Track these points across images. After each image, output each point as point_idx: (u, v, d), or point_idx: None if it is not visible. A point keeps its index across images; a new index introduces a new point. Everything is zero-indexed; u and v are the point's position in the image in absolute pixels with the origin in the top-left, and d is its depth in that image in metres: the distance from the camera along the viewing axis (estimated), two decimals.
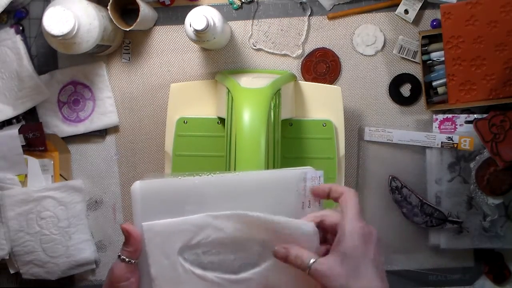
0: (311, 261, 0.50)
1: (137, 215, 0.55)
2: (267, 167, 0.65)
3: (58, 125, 0.89)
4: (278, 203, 0.55)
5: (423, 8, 0.85)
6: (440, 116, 0.85)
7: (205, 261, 0.55)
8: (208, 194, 0.55)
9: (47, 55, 0.89)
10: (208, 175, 0.55)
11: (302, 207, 0.55)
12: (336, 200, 0.54)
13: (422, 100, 0.86)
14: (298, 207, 0.55)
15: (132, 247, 0.53)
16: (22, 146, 0.87)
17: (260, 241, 0.54)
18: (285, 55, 0.89)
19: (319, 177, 0.55)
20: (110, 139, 0.91)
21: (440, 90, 0.85)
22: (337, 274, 0.48)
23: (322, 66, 0.88)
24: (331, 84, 0.88)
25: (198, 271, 0.55)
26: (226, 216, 0.54)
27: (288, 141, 0.79)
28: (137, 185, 0.55)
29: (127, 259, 0.53)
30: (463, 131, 0.85)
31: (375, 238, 0.51)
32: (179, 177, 0.56)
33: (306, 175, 0.55)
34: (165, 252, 0.54)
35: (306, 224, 0.53)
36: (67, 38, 0.74)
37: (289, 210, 0.54)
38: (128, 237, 0.54)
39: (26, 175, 0.88)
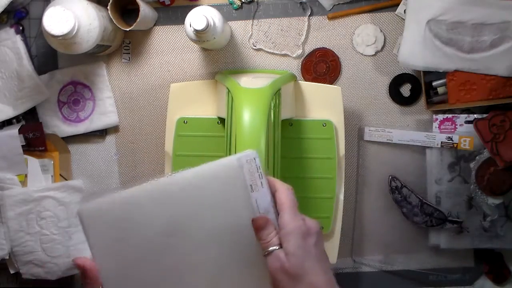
0: (274, 247, 0.52)
1: (89, 244, 0.56)
2: (267, 167, 0.65)
3: (58, 125, 0.89)
4: (226, 194, 0.56)
5: None
6: (440, 116, 0.85)
7: (445, 36, 0.74)
8: (150, 204, 0.56)
9: (47, 55, 0.89)
10: (147, 182, 0.56)
11: (252, 190, 0.56)
12: (273, 194, 0.56)
13: (422, 100, 0.86)
14: (247, 193, 0.56)
15: (91, 280, 0.54)
16: (22, 146, 0.87)
17: (498, 28, 0.72)
18: (285, 55, 0.89)
19: (254, 158, 0.56)
20: (110, 139, 0.91)
21: (440, 90, 0.85)
22: (284, 271, 0.51)
23: (322, 66, 0.88)
24: (331, 84, 0.88)
25: (438, 42, 0.75)
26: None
27: (288, 141, 0.79)
28: (81, 212, 0.55)
29: None
30: (463, 131, 0.85)
31: (314, 232, 0.53)
32: (118, 191, 0.56)
33: (241, 160, 0.56)
34: (418, 19, 0.78)
35: None
36: (67, 38, 0.74)
37: (239, 199, 0.56)
38: (84, 272, 0.54)
39: (26, 175, 0.88)
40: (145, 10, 0.82)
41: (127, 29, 0.82)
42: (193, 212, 0.57)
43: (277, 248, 0.52)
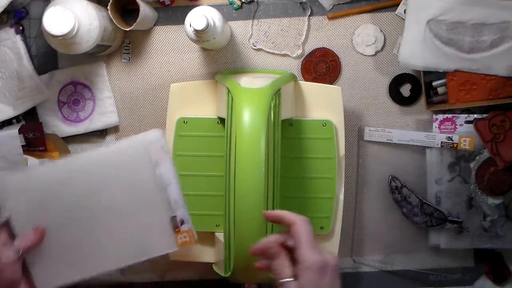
0: (287, 279, 0.54)
1: (5, 209, 0.66)
2: (267, 167, 0.65)
3: (58, 125, 0.89)
4: (134, 169, 0.67)
5: None
6: (440, 116, 0.85)
7: (445, 36, 0.76)
8: (68, 175, 0.67)
9: (47, 55, 0.89)
10: (66, 158, 0.69)
11: (156, 166, 0.67)
12: (288, 227, 0.57)
13: (422, 100, 0.86)
14: (151, 168, 0.67)
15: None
16: (22, 146, 0.87)
17: (498, 28, 0.75)
18: (285, 55, 0.89)
19: (159, 138, 0.67)
20: (110, 139, 0.91)
21: (440, 90, 0.85)
22: None
23: (322, 66, 0.88)
24: (331, 84, 0.88)
25: (438, 42, 0.77)
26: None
27: (288, 141, 0.79)
28: (1, 181, 0.66)
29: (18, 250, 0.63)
30: (463, 131, 0.85)
31: (331, 267, 0.54)
32: (40, 165, 0.71)
33: (147, 139, 0.67)
34: (418, 19, 0.78)
35: None
36: (67, 38, 0.74)
37: (145, 173, 0.67)
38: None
39: None
40: (145, 10, 0.83)
41: (127, 29, 0.82)
42: (104, 183, 0.67)
43: (291, 280, 0.54)
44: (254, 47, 0.89)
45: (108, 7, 0.80)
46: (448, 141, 0.84)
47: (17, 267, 0.63)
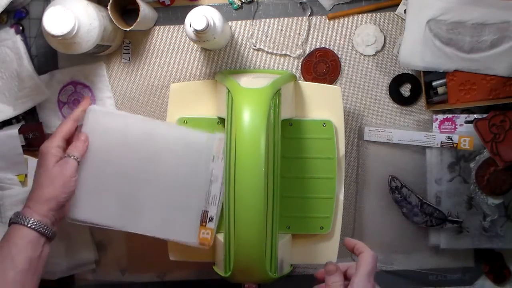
0: None
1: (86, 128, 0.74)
2: (267, 167, 0.65)
3: (58, 125, 0.89)
4: (195, 153, 0.75)
5: None
6: (440, 116, 0.85)
7: (445, 36, 0.78)
8: (134, 135, 0.74)
9: (47, 55, 0.89)
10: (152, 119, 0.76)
11: (212, 160, 0.75)
12: (357, 255, 0.65)
13: (422, 100, 0.86)
14: (208, 160, 0.75)
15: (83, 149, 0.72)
16: (22, 146, 0.87)
17: (498, 28, 0.76)
18: (285, 55, 0.89)
19: (219, 138, 0.75)
20: None
21: (440, 90, 0.85)
22: None
23: (322, 66, 0.88)
24: (331, 84, 0.88)
25: (438, 42, 0.78)
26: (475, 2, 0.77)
27: (288, 141, 0.79)
28: (89, 110, 0.74)
29: (78, 159, 0.72)
30: (463, 131, 0.85)
31: None
32: (126, 113, 0.76)
33: (217, 136, 0.75)
34: (419, 19, 0.79)
35: None
36: (67, 38, 0.74)
37: (202, 161, 0.75)
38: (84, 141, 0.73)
39: (26, 175, 0.88)
40: (145, 10, 0.83)
41: (127, 29, 0.82)
42: (167, 155, 0.75)
43: None
44: (254, 47, 0.89)
45: (108, 7, 0.80)
46: (448, 141, 0.84)
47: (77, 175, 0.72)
